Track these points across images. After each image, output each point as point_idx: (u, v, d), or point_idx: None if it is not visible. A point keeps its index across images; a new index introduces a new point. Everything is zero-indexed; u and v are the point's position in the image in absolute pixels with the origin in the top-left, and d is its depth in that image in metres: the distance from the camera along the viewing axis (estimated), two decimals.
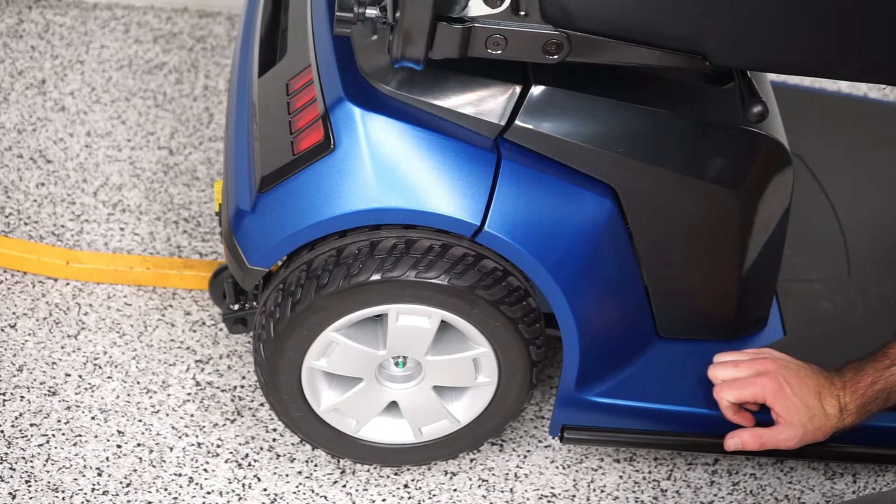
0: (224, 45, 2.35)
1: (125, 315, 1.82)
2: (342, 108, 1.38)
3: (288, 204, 1.40)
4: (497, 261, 1.42)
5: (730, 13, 1.25)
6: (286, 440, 1.67)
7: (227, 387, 1.74)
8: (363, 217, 1.39)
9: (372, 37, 1.41)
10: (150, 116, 2.16)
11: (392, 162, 1.37)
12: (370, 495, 1.62)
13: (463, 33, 1.25)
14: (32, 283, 1.86)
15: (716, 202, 1.44)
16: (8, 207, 1.96)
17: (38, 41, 2.30)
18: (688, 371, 1.56)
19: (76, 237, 1.92)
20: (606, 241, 1.44)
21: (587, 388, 1.54)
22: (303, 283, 1.43)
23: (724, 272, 1.53)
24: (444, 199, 1.37)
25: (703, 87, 1.47)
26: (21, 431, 1.65)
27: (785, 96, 1.68)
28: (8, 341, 1.77)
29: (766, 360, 1.48)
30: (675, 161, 1.42)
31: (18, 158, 2.05)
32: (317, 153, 1.38)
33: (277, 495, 1.61)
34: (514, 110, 1.37)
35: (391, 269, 1.39)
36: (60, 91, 2.19)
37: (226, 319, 1.63)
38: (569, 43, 1.27)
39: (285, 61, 1.53)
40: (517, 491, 1.64)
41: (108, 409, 1.69)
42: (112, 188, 2.01)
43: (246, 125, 1.53)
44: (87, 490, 1.59)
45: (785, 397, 1.44)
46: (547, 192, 1.39)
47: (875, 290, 1.69)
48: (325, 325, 1.44)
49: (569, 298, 1.43)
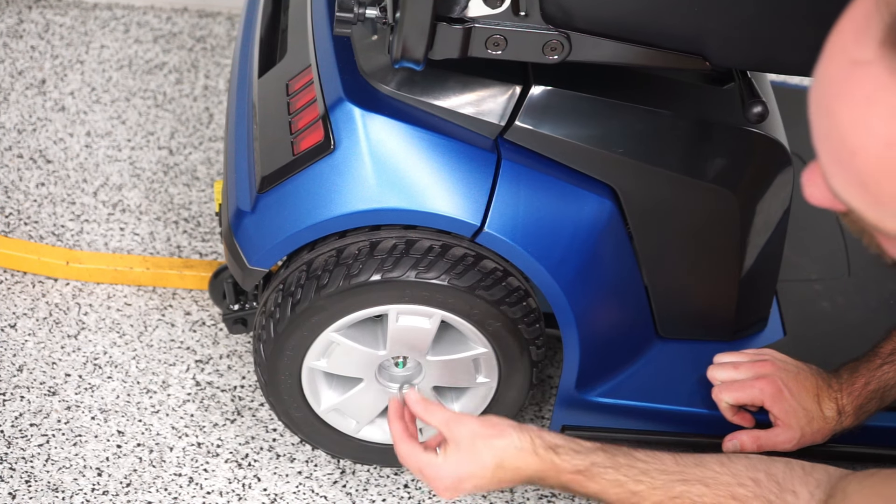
0: (224, 45, 2.35)
1: (125, 315, 1.82)
2: (342, 108, 1.38)
3: (288, 204, 1.39)
4: (497, 261, 1.42)
5: (730, 13, 1.25)
6: (286, 440, 1.67)
7: (227, 387, 1.74)
8: (363, 217, 1.39)
9: (372, 37, 1.41)
10: (150, 116, 2.16)
11: (392, 162, 1.37)
12: (370, 495, 1.62)
13: (463, 34, 1.25)
14: (32, 283, 1.86)
15: (716, 202, 1.44)
16: (8, 207, 1.96)
17: (38, 41, 2.31)
18: (688, 371, 1.56)
19: (76, 237, 1.92)
20: (606, 242, 1.44)
21: (587, 388, 1.54)
22: (303, 283, 1.43)
23: (725, 272, 1.53)
24: (444, 200, 1.37)
25: (703, 87, 1.46)
26: (21, 431, 1.65)
27: (785, 96, 1.68)
28: (8, 341, 1.77)
29: (766, 362, 1.48)
30: (674, 161, 1.42)
31: (18, 158, 2.05)
32: (317, 153, 1.38)
33: (277, 495, 1.61)
34: (514, 111, 1.37)
35: (391, 270, 1.39)
36: (60, 91, 2.19)
37: (226, 319, 1.63)
38: (569, 43, 1.27)
39: (285, 61, 1.53)
40: (517, 491, 1.64)
41: (108, 409, 1.69)
42: (112, 188, 2.01)
43: (246, 125, 1.53)
44: (87, 490, 1.59)
45: (783, 400, 1.44)
46: (547, 192, 1.39)
47: (875, 290, 1.69)
48: (325, 326, 1.44)
49: (569, 298, 1.43)
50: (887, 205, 0.75)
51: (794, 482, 1.20)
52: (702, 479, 1.23)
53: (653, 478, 1.25)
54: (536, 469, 1.29)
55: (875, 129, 0.73)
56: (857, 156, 0.74)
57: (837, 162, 0.76)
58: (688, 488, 1.23)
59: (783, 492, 1.20)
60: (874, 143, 0.73)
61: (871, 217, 0.77)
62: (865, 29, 0.73)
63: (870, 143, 0.73)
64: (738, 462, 1.25)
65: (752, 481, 1.22)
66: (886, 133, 0.72)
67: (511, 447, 1.29)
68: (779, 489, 1.20)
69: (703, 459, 1.26)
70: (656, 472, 1.25)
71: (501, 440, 1.29)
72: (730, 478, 1.23)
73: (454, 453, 1.31)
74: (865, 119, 0.73)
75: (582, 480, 1.27)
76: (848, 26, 0.76)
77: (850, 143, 0.74)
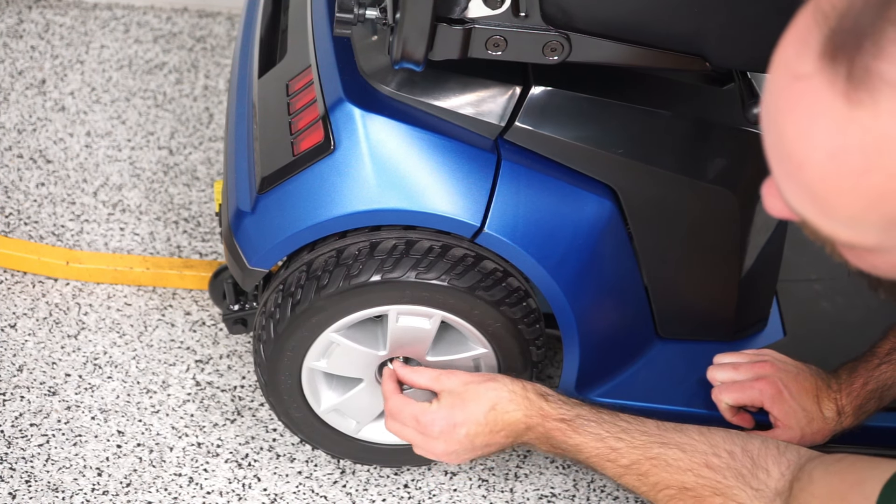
0: (224, 45, 2.35)
1: (125, 315, 1.82)
2: (342, 108, 1.38)
3: (288, 205, 1.39)
4: (497, 262, 1.42)
5: (729, 13, 1.25)
6: (286, 440, 1.68)
7: (227, 387, 1.74)
8: (363, 218, 1.39)
9: (372, 38, 1.41)
10: (150, 116, 2.16)
11: (392, 163, 1.37)
12: (370, 495, 1.62)
13: (463, 34, 1.25)
14: (32, 283, 1.86)
15: (716, 203, 1.44)
16: (8, 207, 1.97)
17: (38, 41, 2.31)
18: (687, 372, 1.56)
19: (76, 237, 1.92)
20: (606, 242, 1.44)
21: (587, 389, 1.54)
22: (303, 283, 1.43)
23: (725, 273, 1.53)
24: (444, 200, 1.37)
25: (702, 87, 1.46)
26: (21, 431, 1.65)
27: None
28: (8, 341, 1.77)
29: (766, 363, 1.48)
30: (675, 162, 1.42)
31: (18, 158, 2.05)
32: (317, 154, 1.38)
33: (277, 495, 1.61)
34: (514, 111, 1.37)
35: (391, 270, 1.39)
36: (60, 91, 2.19)
37: (226, 320, 1.63)
38: (569, 44, 1.27)
39: (285, 62, 1.53)
40: (517, 491, 1.64)
41: (108, 409, 1.69)
42: (112, 188, 2.01)
43: (246, 125, 1.53)
44: (87, 490, 1.59)
45: (783, 402, 1.44)
46: (547, 192, 1.39)
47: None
48: (325, 326, 1.44)
49: (569, 299, 1.43)
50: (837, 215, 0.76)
51: (768, 460, 1.24)
52: (680, 445, 1.28)
53: (633, 437, 1.29)
54: (526, 413, 1.33)
55: (818, 141, 0.73)
56: (804, 169, 0.75)
57: (787, 175, 0.77)
58: (665, 451, 1.28)
59: (756, 468, 1.24)
60: (819, 156, 0.74)
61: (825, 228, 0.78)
62: (805, 43, 0.74)
63: (815, 156, 0.74)
64: (716, 434, 1.29)
65: (727, 453, 1.26)
66: (830, 145, 0.73)
67: (504, 389, 1.35)
68: (752, 465, 1.24)
69: (684, 427, 1.30)
70: (637, 433, 1.30)
71: (494, 383, 1.35)
72: (707, 447, 1.27)
73: (447, 399, 1.36)
74: (809, 132, 0.74)
75: (566, 429, 1.31)
76: (790, 40, 0.77)
77: (796, 157, 0.75)
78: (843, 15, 0.72)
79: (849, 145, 0.72)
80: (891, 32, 0.70)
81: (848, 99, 0.71)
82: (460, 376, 1.38)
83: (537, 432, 1.34)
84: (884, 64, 0.70)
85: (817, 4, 0.75)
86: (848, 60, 0.71)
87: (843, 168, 0.73)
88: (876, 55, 0.70)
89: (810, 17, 0.75)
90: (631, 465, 1.29)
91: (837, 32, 0.72)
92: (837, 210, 0.75)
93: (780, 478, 1.22)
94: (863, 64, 0.70)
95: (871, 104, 0.70)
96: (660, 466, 1.28)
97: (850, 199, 0.74)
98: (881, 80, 0.70)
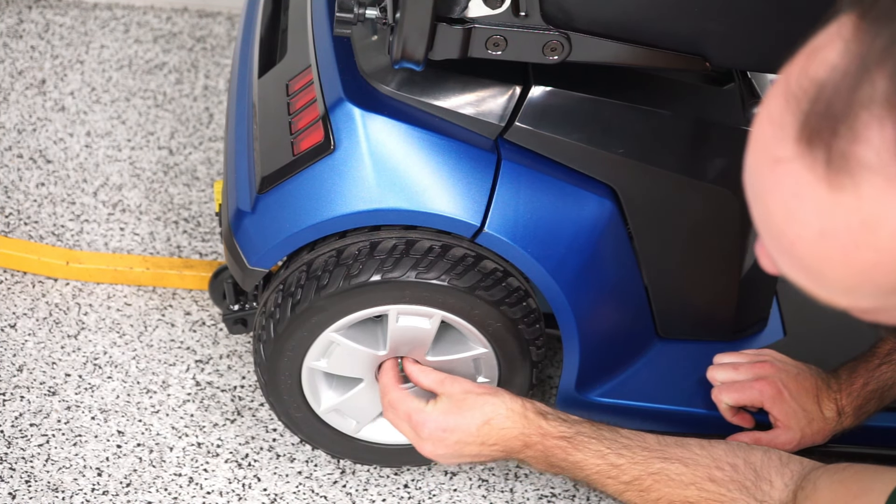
0: (224, 45, 2.35)
1: (125, 315, 1.82)
2: (342, 108, 1.38)
3: (288, 205, 1.39)
4: (497, 261, 1.42)
5: (729, 13, 1.25)
6: (286, 440, 1.67)
7: (227, 387, 1.74)
8: (363, 218, 1.39)
9: (372, 37, 1.41)
10: (150, 116, 2.16)
11: (392, 163, 1.37)
12: (370, 495, 1.62)
13: (463, 34, 1.25)
14: (32, 283, 1.86)
15: (716, 203, 1.44)
16: (8, 207, 1.97)
17: (38, 41, 2.31)
18: (688, 372, 1.56)
19: (76, 237, 1.92)
20: (606, 242, 1.44)
21: (587, 389, 1.54)
22: (303, 283, 1.43)
23: (725, 273, 1.53)
24: (444, 200, 1.37)
25: (703, 87, 1.46)
26: (21, 431, 1.65)
27: None
28: (8, 341, 1.77)
29: (765, 363, 1.48)
30: (675, 162, 1.42)
31: (18, 158, 2.05)
32: (317, 154, 1.38)
33: (277, 495, 1.61)
34: (514, 111, 1.37)
35: (391, 270, 1.39)
36: (60, 91, 2.19)
37: (226, 320, 1.63)
38: (569, 43, 1.27)
39: (285, 62, 1.53)
40: (517, 491, 1.64)
41: (108, 409, 1.69)
42: (112, 188, 2.01)
43: (246, 125, 1.53)
44: (87, 490, 1.59)
45: (783, 402, 1.44)
46: (547, 192, 1.39)
47: None
48: (325, 326, 1.44)
49: (569, 299, 1.43)
50: (833, 287, 0.77)
51: (771, 472, 1.24)
52: (681, 459, 1.28)
53: (634, 453, 1.29)
54: (523, 431, 1.33)
55: (807, 222, 0.73)
56: (796, 246, 0.75)
57: (779, 249, 0.78)
58: (667, 466, 1.27)
59: (759, 480, 1.24)
60: (809, 235, 0.74)
61: (822, 296, 0.79)
62: (780, 125, 0.74)
63: (805, 235, 0.74)
64: (717, 447, 1.29)
65: (730, 466, 1.26)
66: (819, 225, 0.73)
67: (502, 406, 1.34)
68: (755, 477, 1.24)
69: (685, 441, 1.30)
70: (638, 449, 1.30)
71: (493, 398, 1.35)
72: (709, 461, 1.27)
73: (444, 404, 1.37)
74: (796, 214, 0.74)
75: (566, 447, 1.31)
76: (765, 121, 0.77)
77: (787, 236, 0.76)
78: (815, 99, 0.71)
79: (836, 227, 0.72)
80: (864, 116, 0.69)
81: (830, 184, 0.71)
82: (463, 384, 1.38)
83: (536, 450, 1.33)
84: (861, 148, 0.69)
85: (787, 85, 0.74)
86: (825, 147, 0.70)
87: (834, 245, 0.73)
88: (852, 140, 0.69)
89: (782, 98, 0.74)
90: (633, 482, 1.29)
91: (811, 116, 0.71)
92: (833, 282, 0.76)
93: (784, 489, 1.22)
94: (839, 150, 0.70)
95: (852, 188, 0.70)
96: (662, 482, 1.27)
97: (843, 273, 0.74)
98: (859, 166, 0.69)
